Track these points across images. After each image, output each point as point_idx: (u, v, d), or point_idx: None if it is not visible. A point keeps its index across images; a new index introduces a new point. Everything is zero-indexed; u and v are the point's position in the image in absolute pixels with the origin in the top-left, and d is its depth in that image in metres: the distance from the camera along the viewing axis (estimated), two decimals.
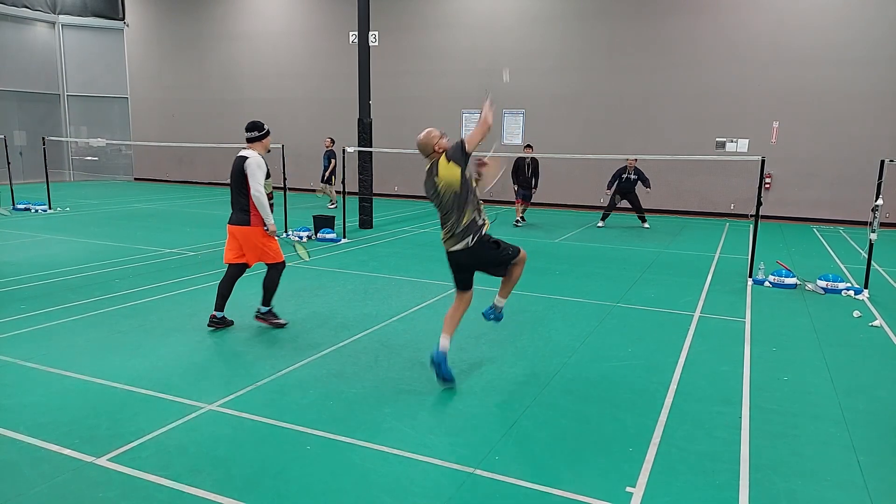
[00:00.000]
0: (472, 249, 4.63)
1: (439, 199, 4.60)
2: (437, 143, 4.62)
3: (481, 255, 4.69)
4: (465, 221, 4.57)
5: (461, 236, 4.60)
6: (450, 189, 4.52)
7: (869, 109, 14.65)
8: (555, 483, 3.41)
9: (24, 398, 4.37)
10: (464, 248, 4.63)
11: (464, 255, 4.67)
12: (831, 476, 3.57)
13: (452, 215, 4.59)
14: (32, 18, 22.54)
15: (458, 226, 4.59)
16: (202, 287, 7.63)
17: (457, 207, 4.56)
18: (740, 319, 6.69)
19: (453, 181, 4.50)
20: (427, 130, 4.67)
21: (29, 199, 15.23)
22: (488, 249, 4.71)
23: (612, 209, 13.98)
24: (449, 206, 4.58)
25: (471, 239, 4.60)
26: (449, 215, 4.61)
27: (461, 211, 4.56)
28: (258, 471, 3.49)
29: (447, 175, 4.50)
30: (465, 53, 18.39)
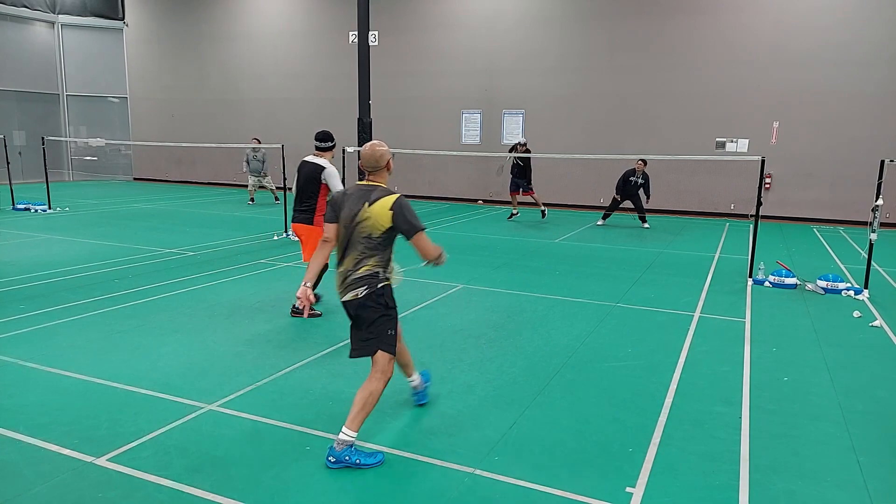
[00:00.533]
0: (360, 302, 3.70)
1: (352, 227, 3.71)
2: (389, 162, 3.86)
3: (361, 317, 3.75)
4: (362, 269, 3.70)
5: (352, 285, 3.71)
6: (370, 229, 3.67)
7: (869, 109, 14.65)
8: (555, 483, 3.41)
9: (24, 398, 4.37)
10: (350, 301, 3.73)
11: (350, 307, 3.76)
12: (831, 476, 3.57)
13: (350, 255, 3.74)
14: (32, 18, 22.53)
15: (352, 271, 3.73)
16: (202, 287, 7.63)
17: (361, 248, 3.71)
18: (740, 319, 6.69)
19: (381, 226, 3.66)
20: (379, 143, 3.86)
21: (29, 199, 15.23)
22: (370, 315, 3.73)
23: (614, 209, 13.97)
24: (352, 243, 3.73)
25: (362, 291, 3.69)
26: (345, 252, 3.78)
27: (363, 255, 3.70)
28: (258, 471, 3.49)
29: (383, 213, 3.64)
30: (465, 53, 18.40)
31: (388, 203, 3.65)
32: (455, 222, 14.22)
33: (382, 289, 3.74)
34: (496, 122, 18.37)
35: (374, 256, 3.71)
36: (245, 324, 6.22)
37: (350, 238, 3.73)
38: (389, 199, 3.67)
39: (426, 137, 18.80)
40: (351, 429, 3.57)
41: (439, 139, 18.75)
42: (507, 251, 10.54)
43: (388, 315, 3.77)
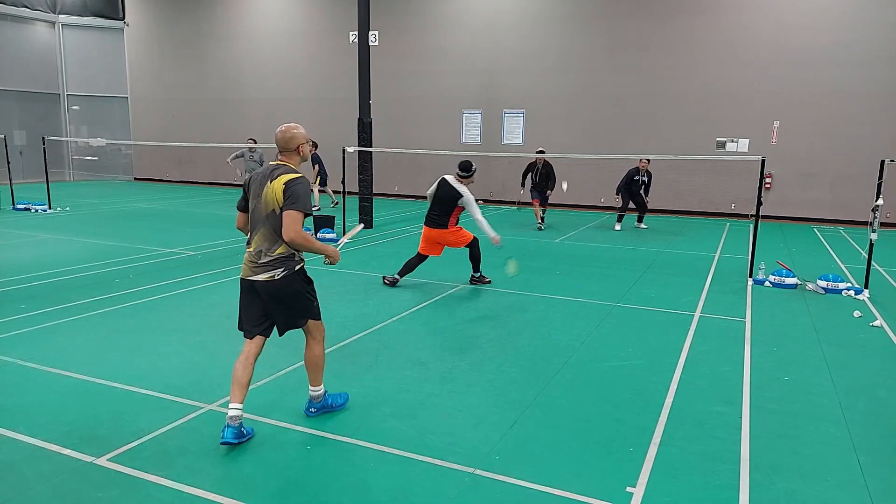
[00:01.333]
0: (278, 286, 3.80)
1: (257, 204, 3.81)
2: (300, 146, 3.89)
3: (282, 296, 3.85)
4: (276, 251, 3.77)
5: (265, 267, 3.78)
6: (267, 205, 3.74)
7: (869, 109, 14.64)
8: (555, 483, 3.41)
9: (24, 398, 4.37)
10: (266, 282, 3.79)
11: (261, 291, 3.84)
12: (831, 476, 3.57)
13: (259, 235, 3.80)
14: (32, 18, 22.54)
15: (265, 253, 3.78)
16: (202, 287, 7.63)
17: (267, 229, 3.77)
18: (741, 319, 6.69)
19: (274, 202, 3.72)
20: (294, 125, 3.93)
21: (29, 199, 15.23)
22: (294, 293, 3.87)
23: (626, 210, 13.54)
24: (258, 221, 3.81)
25: (280, 272, 3.78)
26: (254, 231, 3.84)
27: (272, 236, 3.76)
28: (258, 471, 3.49)
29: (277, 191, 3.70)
30: (465, 53, 18.39)
31: (285, 178, 3.72)
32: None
33: (300, 269, 3.89)
34: (496, 122, 18.37)
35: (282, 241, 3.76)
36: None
37: (258, 217, 3.80)
38: (288, 176, 3.74)
39: (426, 137, 18.79)
40: (317, 385, 4.13)
41: (439, 139, 18.75)
42: (507, 251, 10.52)
43: (309, 291, 3.99)
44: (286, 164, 3.87)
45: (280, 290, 3.82)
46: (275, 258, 3.78)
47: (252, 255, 3.83)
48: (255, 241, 3.82)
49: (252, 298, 3.92)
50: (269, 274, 3.78)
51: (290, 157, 3.90)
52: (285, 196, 3.68)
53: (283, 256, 3.79)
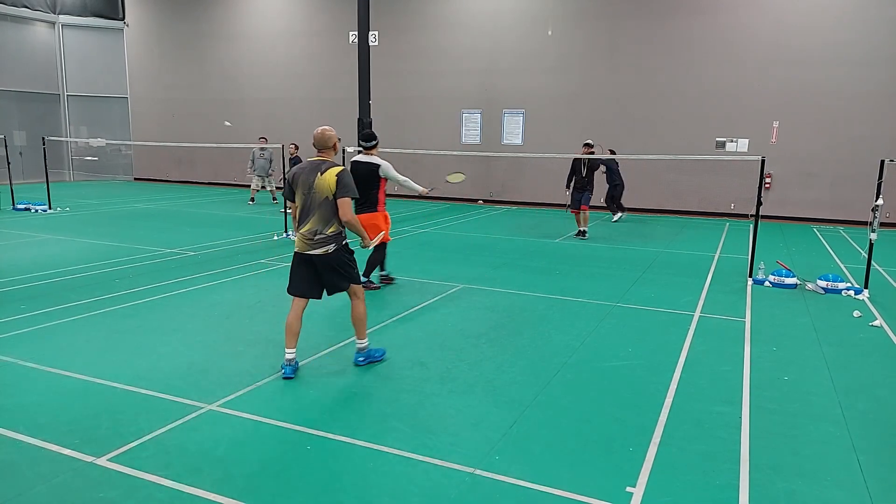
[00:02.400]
0: (330, 258, 4.76)
1: (308, 194, 4.71)
2: (336, 144, 4.88)
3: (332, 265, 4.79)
4: (329, 230, 4.72)
5: (321, 243, 4.72)
6: (321, 192, 4.67)
7: (869, 109, 14.65)
8: (555, 483, 3.41)
9: (24, 398, 4.37)
10: (321, 255, 4.73)
11: (317, 262, 4.76)
12: (831, 476, 3.57)
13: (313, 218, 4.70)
14: (32, 18, 22.54)
15: (320, 232, 4.71)
16: (202, 287, 7.63)
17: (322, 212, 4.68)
18: (740, 319, 6.69)
19: (328, 190, 4.67)
20: (329, 127, 4.88)
21: (29, 199, 15.23)
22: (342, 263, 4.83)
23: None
24: (312, 207, 4.71)
25: (332, 247, 4.74)
26: (309, 216, 4.72)
27: (326, 218, 4.69)
28: (258, 471, 3.49)
29: (329, 181, 4.66)
30: (465, 53, 18.39)
31: (335, 171, 4.70)
32: (455, 222, 14.22)
33: (345, 244, 4.88)
34: (496, 122, 18.37)
35: (336, 218, 4.72)
36: (245, 324, 6.22)
37: (310, 203, 4.71)
38: (336, 169, 4.73)
39: (426, 137, 18.79)
40: (362, 338, 5.08)
41: (439, 139, 18.75)
42: (507, 251, 10.54)
43: (352, 261, 4.92)
44: (327, 159, 4.81)
45: (332, 261, 4.77)
46: (328, 236, 4.73)
47: (307, 234, 4.74)
48: (310, 223, 4.72)
49: (306, 268, 4.82)
50: (324, 249, 4.73)
51: (329, 153, 4.85)
52: (338, 186, 4.65)
53: (334, 234, 4.75)
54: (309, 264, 4.77)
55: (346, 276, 4.87)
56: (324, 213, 4.67)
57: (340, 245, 4.79)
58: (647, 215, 16.34)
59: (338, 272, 4.81)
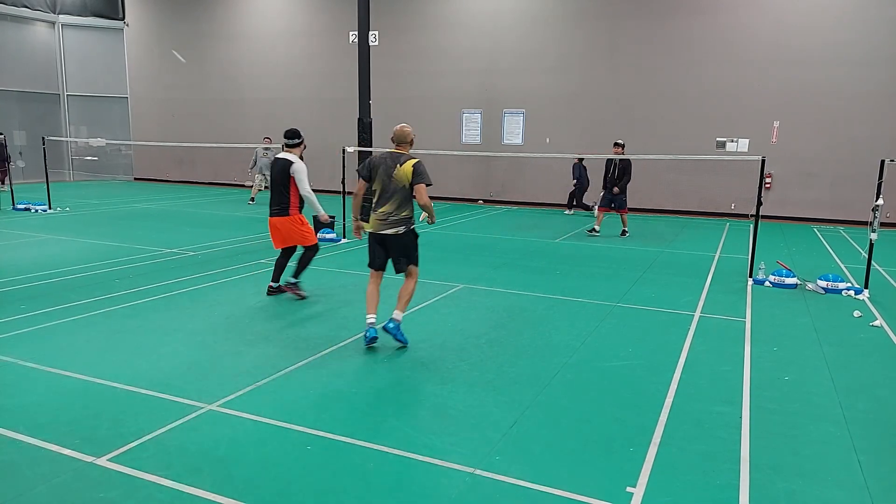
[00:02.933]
0: (401, 238, 5.53)
1: (388, 181, 5.46)
2: (412, 139, 5.68)
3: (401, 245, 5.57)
4: (402, 214, 5.49)
5: (394, 224, 5.50)
6: (400, 181, 5.45)
7: (869, 109, 14.65)
8: (555, 483, 3.41)
9: (24, 398, 4.37)
10: (393, 235, 5.51)
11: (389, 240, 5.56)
12: (832, 476, 3.57)
13: (392, 202, 5.47)
14: (32, 18, 22.54)
15: (394, 214, 5.49)
16: (202, 287, 7.63)
17: (399, 198, 5.47)
18: (740, 319, 6.69)
19: (406, 179, 5.44)
20: (406, 125, 5.70)
21: (29, 199, 15.23)
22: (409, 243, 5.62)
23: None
24: (391, 192, 5.47)
25: (402, 229, 5.51)
26: (385, 199, 5.49)
27: (401, 203, 5.48)
28: (258, 471, 3.49)
29: (407, 171, 5.43)
30: (465, 53, 18.39)
31: (412, 162, 5.46)
32: (455, 222, 14.22)
33: (413, 229, 5.60)
34: (496, 122, 18.37)
35: (409, 203, 5.51)
36: (245, 324, 6.22)
37: (389, 188, 5.46)
38: (413, 160, 5.48)
39: (426, 137, 18.72)
40: (401, 311, 5.61)
41: (439, 139, 18.74)
42: (507, 251, 10.54)
43: (416, 244, 5.69)
44: (404, 152, 5.58)
45: (401, 241, 5.53)
46: (400, 219, 5.48)
47: (381, 216, 5.50)
48: (386, 206, 5.48)
49: (380, 247, 5.60)
50: (395, 230, 5.48)
51: (406, 147, 5.65)
52: (414, 174, 5.41)
53: (406, 218, 5.50)
54: (381, 243, 5.56)
55: (409, 257, 5.62)
56: (399, 198, 5.44)
57: (409, 229, 5.53)
58: (647, 215, 16.34)
59: (403, 252, 5.57)
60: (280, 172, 6.97)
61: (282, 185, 6.98)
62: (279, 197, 7.03)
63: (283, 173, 6.96)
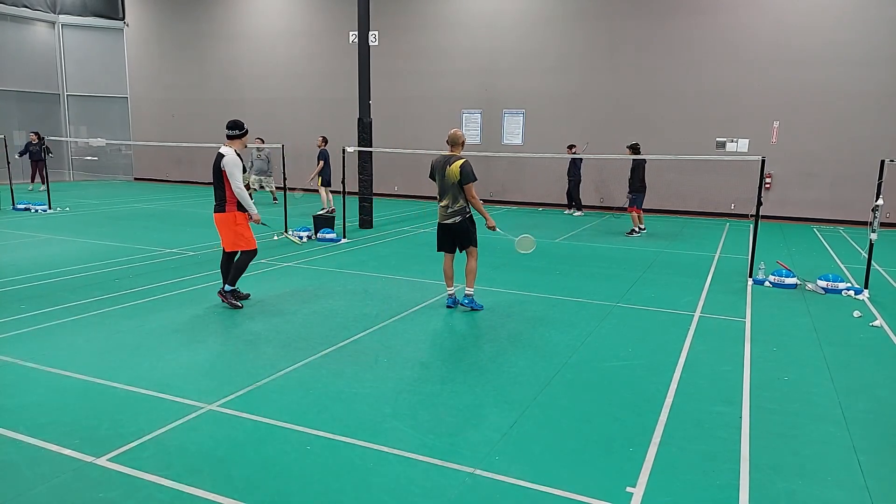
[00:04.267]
0: (458, 226, 6.59)
1: (442, 180, 6.53)
2: (463, 140, 6.61)
3: (459, 231, 6.62)
4: (457, 206, 6.53)
5: (451, 215, 6.56)
6: (451, 179, 6.48)
7: (869, 109, 14.65)
8: (555, 483, 3.41)
9: (24, 398, 4.37)
10: (451, 224, 6.59)
11: (449, 228, 6.63)
12: (832, 476, 3.57)
13: (447, 197, 6.54)
14: (32, 18, 22.54)
15: (451, 207, 6.55)
16: (202, 287, 7.63)
17: (452, 193, 6.50)
18: (740, 319, 6.69)
19: (455, 178, 6.46)
20: (458, 129, 6.68)
21: (29, 199, 15.23)
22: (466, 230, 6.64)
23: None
24: (446, 189, 6.53)
25: (458, 219, 6.55)
26: (445, 195, 6.56)
27: (455, 197, 6.51)
28: (258, 471, 3.49)
29: (455, 171, 6.44)
30: (465, 53, 18.39)
31: (459, 163, 6.45)
32: None
33: (470, 216, 6.64)
34: (496, 122, 18.37)
35: (462, 197, 6.53)
36: (245, 324, 6.22)
37: (444, 186, 6.54)
38: (460, 161, 6.47)
39: (426, 137, 18.78)
40: (470, 286, 6.78)
41: (439, 139, 18.65)
42: (507, 251, 10.52)
43: (473, 229, 6.68)
44: (455, 154, 6.55)
45: (459, 228, 6.61)
46: (455, 210, 6.55)
47: (443, 208, 6.62)
48: (445, 200, 6.58)
49: (444, 233, 6.70)
50: (453, 220, 6.58)
51: (456, 149, 6.58)
52: (461, 174, 6.42)
53: (461, 209, 6.55)
54: (445, 230, 6.66)
55: (468, 240, 6.65)
56: (452, 194, 6.49)
57: (465, 217, 6.56)
58: (647, 215, 16.33)
59: (461, 236, 6.62)
60: (217, 166, 6.52)
61: (219, 177, 6.52)
62: (218, 189, 6.58)
63: (216, 167, 6.53)
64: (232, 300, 6.73)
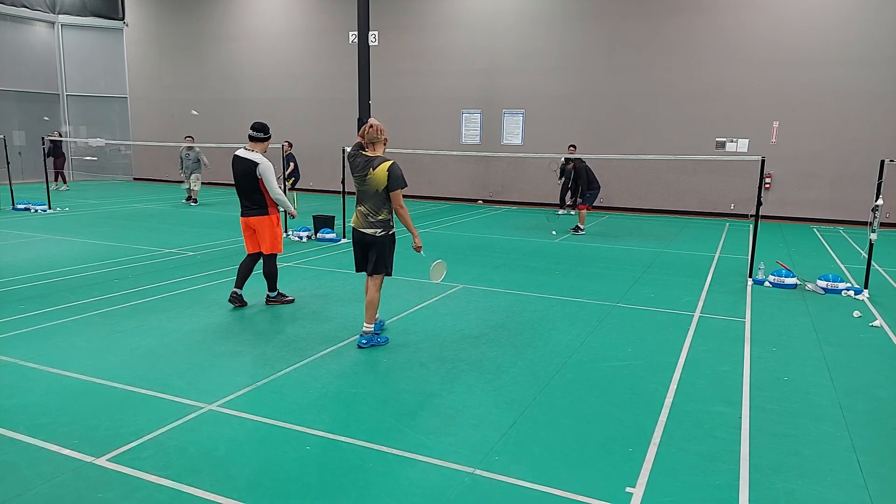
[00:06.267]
0: (377, 240, 5.42)
1: (363, 184, 5.32)
2: (385, 137, 5.34)
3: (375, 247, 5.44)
4: (380, 217, 5.38)
5: (371, 225, 5.40)
6: (374, 185, 5.28)
7: (869, 109, 14.65)
8: (555, 483, 3.41)
9: (24, 398, 4.37)
10: (370, 234, 5.41)
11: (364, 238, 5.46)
12: (831, 476, 3.57)
13: (367, 205, 5.36)
14: (32, 18, 22.53)
15: (371, 217, 5.38)
16: (202, 287, 7.63)
17: (374, 202, 5.33)
18: (740, 319, 6.69)
19: (380, 184, 5.26)
20: (377, 121, 5.35)
21: (29, 199, 15.22)
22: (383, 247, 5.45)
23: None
24: (367, 196, 5.34)
25: (379, 231, 5.40)
26: (365, 202, 5.38)
27: (377, 207, 5.34)
28: (258, 471, 3.49)
29: (381, 176, 5.24)
30: (465, 53, 18.40)
31: (386, 166, 5.22)
32: (455, 222, 14.22)
33: (393, 235, 5.47)
34: (496, 122, 18.37)
35: (386, 207, 5.35)
36: (245, 323, 6.22)
37: (364, 192, 5.32)
38: (387, 164, 5.24)
39: (426, 137, 18.80)
40: (369, 323, 5.53)
41: (439, 139, 18.75)
42: (507, 251, 10.53)
43: (391, 250, 5.50)
44: (378, 155, 5.30)
45: (377, 243, 5.40)
46: (377, 222, 5.36)
47: (361, 213, 5.40)
48: (364, 207, 5.35)
49: (359, 244, 5.50)
50: (373, 230, 5.38)
51: (377, 148, 5.32)
52: (390, 179, 5.22)
53: (384, 222, 5.37)
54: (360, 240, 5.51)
55: (381, 263, 5.49)
56: (376, 203, 5.35)
57: (387, 233, 5.46)
58: (647, 215, 16.34)
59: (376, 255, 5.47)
60: (245, 173, 6.53)
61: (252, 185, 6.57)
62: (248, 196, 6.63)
63: (250, 175, 6.51)
64: (284, 299, 6.95)
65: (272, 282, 6.89)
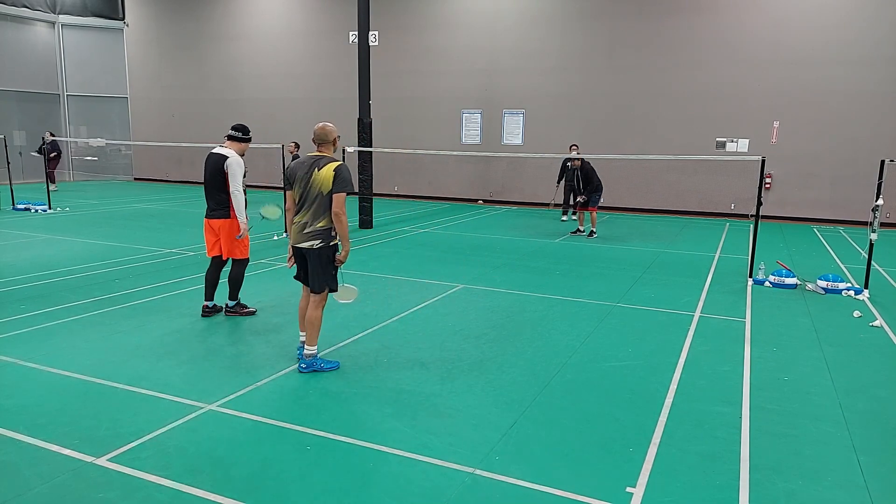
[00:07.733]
0: (315, 252, 4.83)
1: (306, 188, 4.78)
2: (336, 139, 4.95)
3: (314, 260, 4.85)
4: (319, 225, 4.81)
5: (309, 237, 4.82)
6: (319, 187, 4.75)
7: (869, 109, 14.65)
8: (555, 483, 3.41)
9: (24, 398, 4.37)
10: (307, 248, 4.84)
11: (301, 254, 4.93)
12: (832, 476, 3.57)
13: (307, 212, 4.80)
14: (32, 18, 22.53)
15: (310, 225, 4.81)
16: (202, 287, 7.62)
17: (315, 207, 4.77)
18: (740, 319, 6.68)
19: (325, 185, 4.73)
20: (328, 122, 5.00)
21: (29, 199, 15.22)
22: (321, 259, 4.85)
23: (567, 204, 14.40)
24: (309, 200, 4.79)
25: (318, 243, 4.82)
26: (305, 209, 4.82)
27: (318, 213, 4.78)
28: (258, 471, 3.49)
29: (327, 176, 4.73)
30: (465, 53, 18.39)
31: (333, 166, 4.75)
32: (455, 222, 14.22)
33: (334, 246, 4.89)
34: (496, 122, 18.36)
35: (327, 214, 4.78)
36: (245, 324, 6.22)
37: (306, 196, 4.78)
38: (334, 164, 4.77)
39: (426, 137, 18.79)
40: (312, 345, 4.93)
41: (439, 139, 18.74)
42: (507, 251, 10.53)
43: (333, 263, 4.91)
44: (326, 154, 4.88)
45: (316, 256, 4.82)
46: (316, 232, 4.79)
47: (298, 226, 4.84)
48: (304, 216, 4.80)
49: (301, 260, 4.94)
50: (310, 243, 4.81)
51: (326, 148, 4.91)
52: (336, 181, 4.71)
53: (324, 231, 4.80)
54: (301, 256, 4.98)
55: (322, 277, 4.91)
56: (317, 209, 4.79)
57: (328, 244, 4.87)
58: (647, 215, 16.34)
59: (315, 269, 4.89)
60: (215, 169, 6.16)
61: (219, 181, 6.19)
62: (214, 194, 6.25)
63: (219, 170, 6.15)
64: (243, 310, 6.45)
65: (235, 289, 6.40)
